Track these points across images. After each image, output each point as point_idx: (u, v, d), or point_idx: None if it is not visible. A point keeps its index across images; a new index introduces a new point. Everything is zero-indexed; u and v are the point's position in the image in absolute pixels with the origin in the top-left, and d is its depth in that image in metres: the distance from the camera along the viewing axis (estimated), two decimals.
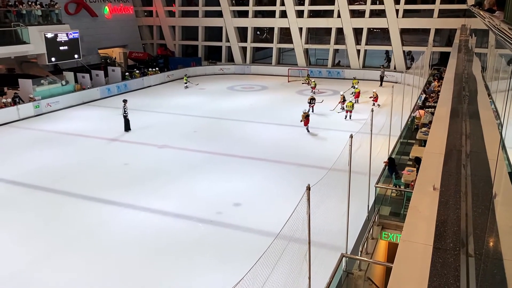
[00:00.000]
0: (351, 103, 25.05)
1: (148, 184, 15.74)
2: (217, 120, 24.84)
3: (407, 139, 17.87)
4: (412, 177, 11.98)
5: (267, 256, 6.32)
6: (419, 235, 4.88)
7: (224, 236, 12.14)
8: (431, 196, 5.66)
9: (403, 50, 37.22)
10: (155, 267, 10.71)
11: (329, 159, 14.00)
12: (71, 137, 21.87)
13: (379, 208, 11.46)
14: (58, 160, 18.42)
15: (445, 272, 4.06)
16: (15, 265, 10.83)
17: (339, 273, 8.54)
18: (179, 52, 46.09)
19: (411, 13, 36.75)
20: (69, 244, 11.84)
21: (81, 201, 14.45)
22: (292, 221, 6.46)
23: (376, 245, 10.54)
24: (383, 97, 26.48)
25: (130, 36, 42.88)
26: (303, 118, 22.16)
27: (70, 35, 31.42)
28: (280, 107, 28.11)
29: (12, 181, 16.18)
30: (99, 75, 33.26)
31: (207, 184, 15.67)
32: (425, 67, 28.28)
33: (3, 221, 13.12)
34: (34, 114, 26.20)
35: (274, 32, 41.68)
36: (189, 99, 30.69)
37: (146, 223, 12.88)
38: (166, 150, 19.65)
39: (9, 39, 27.64)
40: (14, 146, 20.48)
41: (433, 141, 8.20)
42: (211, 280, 9.99)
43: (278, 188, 15.27)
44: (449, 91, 12.57)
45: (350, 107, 24.76)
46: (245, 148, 19.67)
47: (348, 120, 24.46)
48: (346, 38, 38.73)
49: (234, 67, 42.65)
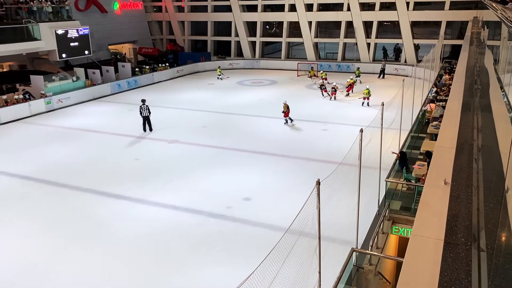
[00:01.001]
0: (367, 90, 26.01)
1: (158, 179, 15.84)
2: (227, 115, 24.87)
3: (418, 133, 17.74)
4: (423, 171, 11.91)
5: (277, 250, 6.34)
6: (430, 229, 4.85)
7: (234, 231, 12.19)
8: (442, 190, 5.62)
9: (413, 43, 36.85)
10: (166, 261, 10.80)
11: (338, 154, 13.97)
12: (82, 132, 22.07)
13: (389, 202, 11.42)
14: (70, 156, 18.61)
15: (456, 267, 4.03)
16: (29, 258, 11.00)
17: (349, 267, 8.54)
18: (189, 47, 46.17)
19: (422, 6, 36.34)
20: (81, 238, 11.98)
21: (92, 196, 14.59)
22: (302, 216, 6.46)
23: (387, 240, 10.51)
24: (385, 90, 26.16)
25: (139, 31, 43.00)
26: (285, 109, 22.67)
27: (80, 31, 31.61)
28: (289, 101, 27.98)
29: (25, 176, 16.39)
30: (109, 71, 33.45)
31: (217, 179, 15.73)
32: (436, 60, 27.99)
33: (17, 216, 13.31)
34: (46, 110, 26.46)
35: (283, 26, 41.51)
36: (199, 95, 30.75)
37: (157, 218, 12.98)
38: (176, 145, 19.74)
39: (20, 36, 27.90)
40: (26, 142, 20.73)
41: (444, 135, 8.12)
42: (222, 274, 10.04)
43: (287, 182, 15.27)
44: (460, 84, 12.44)
45: (367, 93, 25.83)
46: (255, 142, 19.68)
47: (365, 106, 25.77)
48: (356, 32, 38.44)
49: (243, 62, 42.60)
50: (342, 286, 8.04)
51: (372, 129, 11.64)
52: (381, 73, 35.84)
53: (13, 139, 21.40)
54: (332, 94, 28.15)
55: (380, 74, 35.79)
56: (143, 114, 21.63)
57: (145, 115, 21.65)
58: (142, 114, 21.69)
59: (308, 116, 24.07)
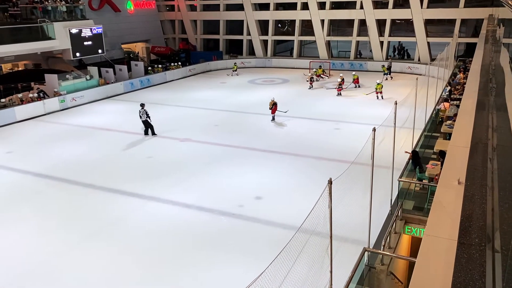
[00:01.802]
0: (380, 85, 27.25)
1: (171, 177, 15.93)
2: (238, 113, 24.90)
3: (432, 132, 17.57)
4: (436, 171, 11.80)
5: (289, 249, 6.33)
6: (443, 229, 4.80)
7: (246, 229, 12.20)
8: (456, 190, 5.55)
9: (427, 42, 36.47)
10: (177, 258, 10.86)
11: (351, 153, 13.89)
12: (96, 131, 22.29)
13: (402, 202, 11.33)
14: (83, 153, 18.82)
15: (470, 267, 3.98)
16: (41, 254, 11.15)
17: (361, 267, 8.50)
18: (201, 46, 46.33)
19: (436, 4, 35.94)
20: (93, 235, 12.11)
21: (105, 194, 14.74)
22: (313, 215, 6.44)
23: (399, 240, 10.43)
24: (399, 89, 25.93)
25: (152, 30, 43.26)
26: (271, 105, 23.01)
27: (94, 31, 31.92)
28: (301, 100, 27.98)
29: (39, 173, 16.61)
30: (122, 69, 33.73)
31: (228, 177, 15.76)
32: (450, 58, 27.66)
33: (30, 212, 13.50)
34: (60, 109, 26.78)
35: (296, 25, 41.40)
36: (210, 93, 30.83)
37: (169, 215, 13.05)
38: (188, 144, 19.83)
39: (35, 35, 28.28)
40: (40, 140, 21.00)
41: (458, 134, 8.03)
42: (233, 273, 10.06)
43: (299, 181, 15.24)
44: (475, 83, 12.28)
45: (380, 88, 27.12)
46: (266, 141, 19.68)
47: (380, 100, 27.03)
48: (369, 30, 38.18)
49: (255, 61, 42.60)
50: (353, 285, 8.01)
51: (385, 128, 11.56)
52: (388, 70, 35.54)
53: (28, 136, 21.70)
54: (338, 90, 28.83)
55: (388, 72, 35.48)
56: (142, 118, 21.08)
57: (144, 119, 21.08)
58: (141, 118, 21.13)
59: (321, 114, 23.99)
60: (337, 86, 29.01)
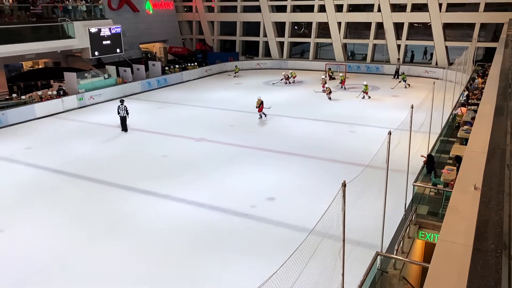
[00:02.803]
0: (366, 86, 28.20)
1: (185, 175, 16.04)
2: (253, 114, 24.93)
3: (448, 137, 17.37)
4: (451, 176, 11.65)
5: (301, 251, 6.33)
6: (458, 235, 4.75)
7: (258, 230, 12.22)
8: (472, 195, 5.49)
9: (445, 46, 36.04)
10: (189, 257, 10.92)
11: (365, 156, 13.81)
12: (113, 129, 22.55)
13: (416, 207, 11.22)
14: (100, 151, 19.07)
15: (485, 274, 3.93)
16: (56, 250, 11.32)
17: (374, 271, 8.44)
18: (217, 47, 46.54)
19: (455, 7, 35.49)
20: (106, 232, 12.26)
21: (120, 191, 14.91)
22: (326, 217, 6.43)
23: (413, 245, 10.33)
24: (415, 93, 25.63)
25: (170, 31, 43.62)
26: (258, 104, 23.50)
27: (112, 30, 32.31)
28: (315, 102, 27.91)
29: (56, 170, 16.88)
30: (140, 69, 34.08)
31: (242, 178, 15.81)
32: (468, 63, 27.32)
33: (47, 208, 13.73)
34: (78, 106, 27.18)
35: (312, 27, 41.31)
36: (226, 94, 30.95)
37: (182, 214, 13.14)
38: (203, 143, 19.94)
39: (56, 33, 28.77)
40: (58, 137, 21.35)
41: (475, 140, 7.92)
42: (244, 273, 10.09)
43: (312, 183, 15.20)
44: (493, 88, 12.09)
45: (367, 88, 28.12)
46: (280, 142, 19.67)
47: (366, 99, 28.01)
48: (386, 33, 37.90)
49: (271, 62, 42.64)
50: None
51: (400, 132, 11.47)
52: (396, 73, 35.43)
53: (46, 133, 22.07)
54: (328, 94, 28.63)
55: (395, 75, 35.35)
56: (120, 114, 21.46)
57: (122, 115, 21.47)
58: (119, 114, 21.46)
59: (336, 117, 23.89)
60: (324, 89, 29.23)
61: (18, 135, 21.77)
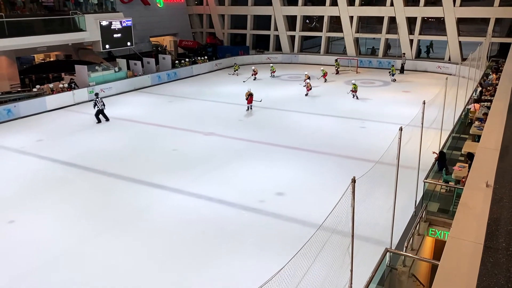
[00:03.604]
0: (355, 85, 27.13)
1: (194, 170, 16.08)
2: (263, 109, 24.88)
3: (460, 133, 17.17)
4: (463, 173, 11.52)
5: (309, 246, 6.30)
6: (469, 232, 4.69)
7: (267, 225, 12.21)
8: (483, 193, 5.41)
9: (459, 41, 35.55)
10: (197, 251, 10.96)
11: (375, 152, 13.69)
12: (123, 122, 22.67)
13: (427, 204, 11.12)
14: (110, 144, 19.18)
15: (495, 272, 3.88)
16: (67, 242, 11.43)
17: (382, 267, 8.39)
18: (228, 41, 46.42)
19: (470, 2, 34.95)
20: (117, 224, 12.34)
21: (129, 184, 14.99)
22: (335, 213, 6.39)
23: (422, 242, 10.25)
24: (428, 88, 25.30)
25: (180, 24, 43.58)
26: (247, 96, 24.29)
27: (123, 23, 32.38)
28: (326, 97, 27.76)
29: (67, 162, 17.02)
30: (150, 62, 34.15)
31: (251, 173, 15.80)
32: (482, 58, 26.91)
33: (57, 200, 13.86)
34: (89, 99, 27.29)
35: (324, 21, 41.01)
36: (236, 88, 30.88)
37: (191, 208, 13.18)
38: (212, 138, 19.95)
39: (67, 26, 28.91)
40: (69, 129, 21.51)
41: (488, 136, 7.82)
42: (252, 267, 10.10)
43: (322, 179, 15.14)
44: (508, 84, 11.91)
45: (355, 87, 27.05)
46: (290, 137, 19.61)
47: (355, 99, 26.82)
48: (398, 28, 37.49)
49: (282, 56, 42.44)
50: (374, 286, 7.92)
51: (412, 128, 11.34)
52: (401, 68, 35.19)
53: (57, 126, 22.25)
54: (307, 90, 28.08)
55: (401, 70, 35.13)
56: (98, 107, 22.26)
57: (100, 108, 22.31)
58: (97, 107, 22.28)
59: (346, 112, 23.75)
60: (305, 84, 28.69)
61: (30, 127, 21.98)
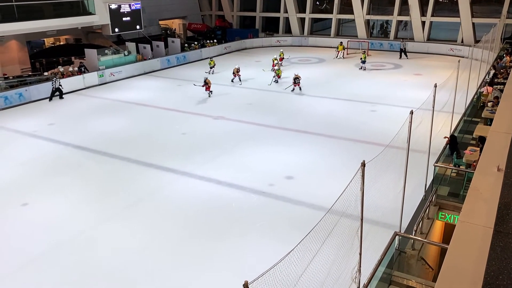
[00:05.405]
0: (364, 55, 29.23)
1: (204, 153, 16.15)
2: (272, 93, 24.77)
3: (472, 117, 16.97)
4: (474, 157, 11.43)
5: (318, 229, 6.32)
6: (479, 216, 4.67)
7: (276, 208, 12.28)
8: (494, 177, 5.37)
9: (472, 22, 34.85)
10: (207, 233, 11.07)
11: (386, 135, 13.59)
12: (132, 105, 22.76)
13: (437, 187, 11.08)
14: (120, 128, 19.30)
15: (505, 256, 3.87)
16: (79, 224, 11.62)
17: (391, 251, 8.42)
18: (237, 24, 46.03)
19: None
20: (128, 207, 12.50)
21: (140, 167, 15.12)
22: (345, 197, 6.39)
23: (432, 226, 10.25)
24: (440, 71, 24.92)
25: (189, 7, 43.29)
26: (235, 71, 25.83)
27: (132, 6, 32.26)
28: (336, 80, 27.54)
29: (79, 146, 17.19)
30: (159, 46, 34.07)
31: (260, 156, 15.82)
32: (496, 40, 26.41)
33: (70, 184, 14.04)
34: (98, 83, 27.43)
35: (334, 3, 40.41)
36: (245, 72, 30.65)
37: (201, 192, 13.28)
38: (221, 121, 19.96)
39: (76, 10, 28.94)
40: (80, 113, 21.66)
41: (501, 120, 7.72)
42: (262, 250, 10.18)
43: (331, 162, 15.13)
44: None
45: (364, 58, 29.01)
46: (300, 121, 19.55)
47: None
48: (410, 9, 36.83)
49: (291, 39, 42.03)
50: (383, 269, 7.96)
51: (423, 112, 11.22)
52: (401, 53, 34.38)
53: (68, 109, 22.41)
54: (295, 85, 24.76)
55: (400, 55, 34.32)
56: (56, 85, 23.91)
57: (57, 86, 23.96)
58: (55, 85, 23.95)
59: (357, 96, 23.56)
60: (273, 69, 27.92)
61: (41, 111, 22.18)
